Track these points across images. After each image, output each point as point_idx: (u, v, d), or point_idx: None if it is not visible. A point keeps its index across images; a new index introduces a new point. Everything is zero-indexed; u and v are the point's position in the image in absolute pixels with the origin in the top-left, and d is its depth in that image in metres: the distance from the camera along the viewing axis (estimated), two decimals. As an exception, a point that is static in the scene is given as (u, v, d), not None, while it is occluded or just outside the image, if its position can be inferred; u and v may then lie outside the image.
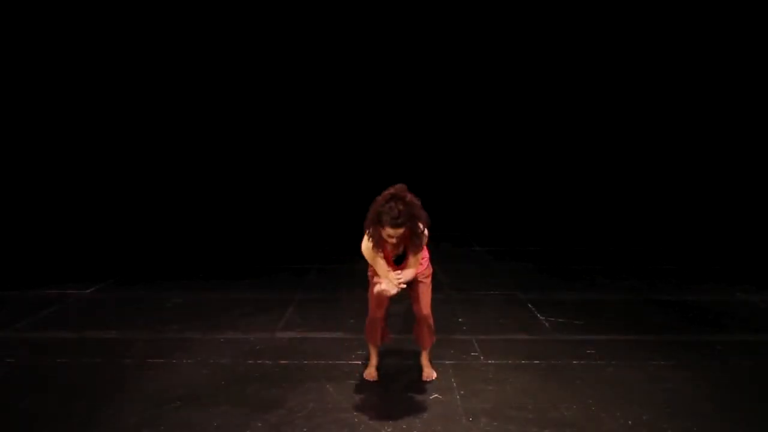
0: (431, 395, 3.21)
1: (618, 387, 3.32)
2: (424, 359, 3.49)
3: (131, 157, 10.01)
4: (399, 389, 3.29)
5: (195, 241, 7.96)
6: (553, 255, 7.06)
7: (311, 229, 8.85)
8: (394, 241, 2.92)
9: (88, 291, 5.39)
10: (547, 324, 4.46)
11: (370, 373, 3.46)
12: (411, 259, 3.10)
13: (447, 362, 3.67)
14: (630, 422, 2.91)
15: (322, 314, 4.69)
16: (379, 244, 2.98)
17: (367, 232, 2.98)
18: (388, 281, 2.98)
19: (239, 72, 10.14)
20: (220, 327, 4.37)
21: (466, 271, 6.24)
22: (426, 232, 3.05)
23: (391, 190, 2.91)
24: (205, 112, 10.25)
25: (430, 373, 3.43)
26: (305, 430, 2.84)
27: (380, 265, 3.06)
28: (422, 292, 3.28)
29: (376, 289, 2.99)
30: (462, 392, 3.24)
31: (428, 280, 3.32)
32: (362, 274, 3.78)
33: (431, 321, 3.35)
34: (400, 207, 2.81)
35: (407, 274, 3.06)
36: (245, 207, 10.00)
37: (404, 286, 3.05)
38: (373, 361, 3.50)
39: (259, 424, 2.88)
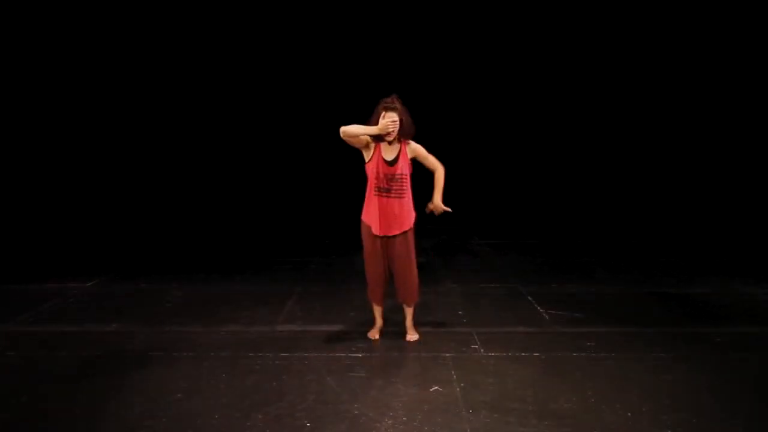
0: (431, 388, 3.22)
1: (618, 379, 3.33)
2: (408, 321, 3.79)
3: (132, 152, 9.99)
4: (399, 382, 3.30)
5: (196, 235, 7.96)
6: (554, 248, 7.07)
7: (312, 223, 8.85)
8: (390, 128, 3.44)
9: (89, 284, 5.40)
10: (547, 317, 4.47)
11: (373, 333, 3.90)
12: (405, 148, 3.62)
13: (447, 355, 3.68)
14: (629, 414, 2.92)
15: (322, 307, 4.69)
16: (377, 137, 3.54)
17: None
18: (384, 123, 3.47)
19: (239, 66, 10.09)
20: (220, 320, 4.37)
21: (467, 264, 6.25)
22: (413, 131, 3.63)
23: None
24: (205, 106, 10.21)
25: (412, 335, 3.72)
26: (306, 422, 2.84)
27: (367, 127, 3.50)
28: (402, 251, 3.61)
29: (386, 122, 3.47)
30: (462, 385, 3.25)
31: (410, 239, 3.64)
32: (363, 267, 3.79)
33: (412, 279, 3.65)
34: (394, 99, 3.54)
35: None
36: (246, 200, 9.99)
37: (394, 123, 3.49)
38: (378, 323, 3.93)
39: (260, 417, 2.89)
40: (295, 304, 4.80)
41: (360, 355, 3.68)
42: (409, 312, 3.87)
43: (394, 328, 3.96)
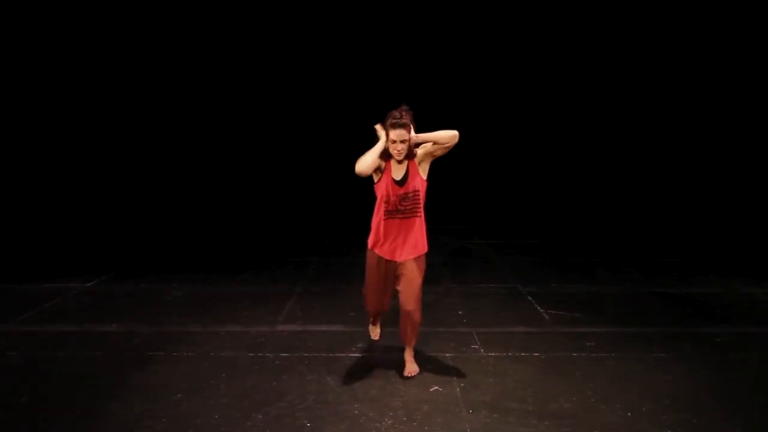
0: (431, 388, 3.22)
1: (618, 379, 3.33)
2: (408, 354, 3.46)
3: (132, 151, 9.99)
4: (399, 382, 3.30)
5: (196, 235, 7.96)
6: (554, 248, 7.06)
7: (312, 222, 8.85)
8: (399, 147, 3.14)
9: (89, 284, 5.40)
10: (546, 316, 4.47)
11: (375, 333, 3.80)
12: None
13: (447, 355, 3.68)
14: (629, 414, 2.92)
15: (322, 307, 4.69)
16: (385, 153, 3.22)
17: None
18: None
19: (239, 65, 10.09)
20: (220, 320, 4.37)
21: (467, 264, 6.25)
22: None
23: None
24: (206, 106, 10.21)
25: (412, 369, 3.40)
26: (306, 422, 2.84)
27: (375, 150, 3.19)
28: (412, 278, 3.25)
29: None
30: (462, 385, 3.25)
31: (421, 266, 3.30)
32: (362, 266, 3.77)
33: (417, 316, 3.32)
34: (404, 113, 3.17)
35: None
36: (246, 200, 9.99)
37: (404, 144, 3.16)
38: (377, 324, 3.79)
39: (260, 417, 2.89)
40: (295, 304, 4.79)
41: (360, 355, 3.68)
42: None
43: (394, 328, 3.94)
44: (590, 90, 10.17)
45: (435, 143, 3.19)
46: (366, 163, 3.13)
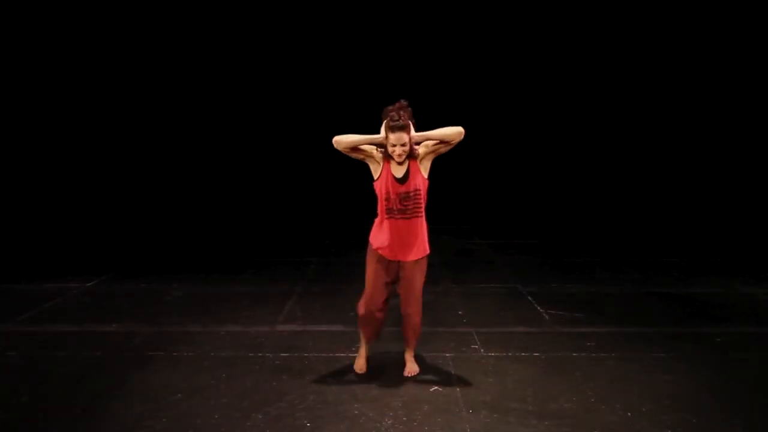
0: (431, 388, 3.22)
1: (618, 379, 3.33)
2: (408, 354, 3.47)
3: (132, 151, 9.99)
4: (399, 382, 3.29)
5: (196, 235, 7.96)
6: (554, 248, 7.06)
7: (311, 222, 8.85)
8: (398, 151, 3.04)
9: (89, 284, 5.40)
10: (547, 316, 4.47)
11: (360, 365, 3.45)
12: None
13: (447, 355, 3.68)
14: (629, 414, 2.92)
15: (322, 307, 4.70)
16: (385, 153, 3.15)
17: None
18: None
19: (238, 65, 10.09)
20: (220, 320, 4.37)
21: (467, 264, 6.25)
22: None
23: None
24: (205, 106, 10.21)
25: (412, 368, 3.40)
26: (306, 422, 2.84)
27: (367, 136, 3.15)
28: (413, 281, 3.24)
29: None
30: (462, 385, 3.25)
31: (423, 268, 3.26)
32: (362, 266, 3.77)
33: (418, 319, 3.33)
34: (402, 113, 3.04)
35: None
36: (245, 200, 9.99)
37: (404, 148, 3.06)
38: (362, 352, 3.49)
39: (260, 417, 2.89)
40: (295, 304, 4.79)
41: (360, 355, 3.67)
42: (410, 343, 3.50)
43: (393, 328, 3.93)
44: (590, 90, 10.16)
45: (439, 141, 3.11)
46: (348, 141, 3.11)
